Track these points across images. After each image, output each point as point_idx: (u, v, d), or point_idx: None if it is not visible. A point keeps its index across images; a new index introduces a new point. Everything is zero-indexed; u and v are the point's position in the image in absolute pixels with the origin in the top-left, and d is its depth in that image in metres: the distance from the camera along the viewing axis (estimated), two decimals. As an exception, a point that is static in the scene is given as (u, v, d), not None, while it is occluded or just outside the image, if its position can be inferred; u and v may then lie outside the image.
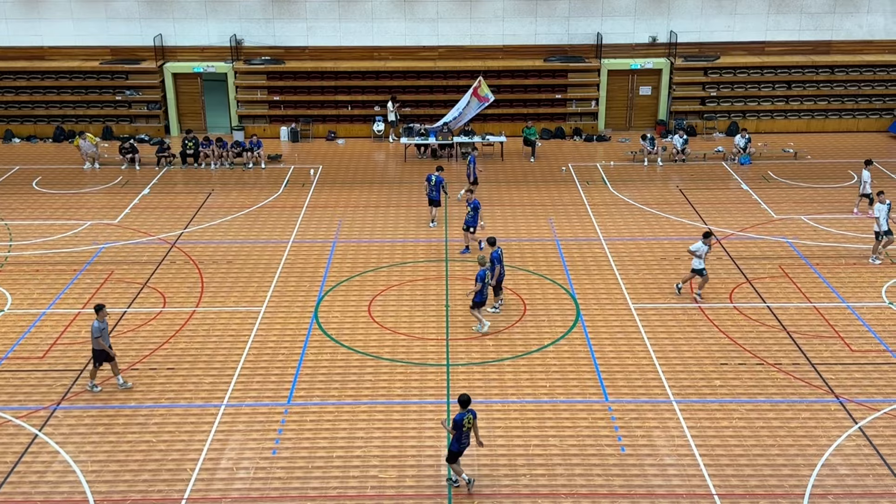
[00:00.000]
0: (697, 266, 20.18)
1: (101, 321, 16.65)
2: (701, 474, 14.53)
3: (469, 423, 14.00)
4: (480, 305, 19.20)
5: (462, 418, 13.94)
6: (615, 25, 33.69)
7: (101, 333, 16.66)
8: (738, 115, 33.95)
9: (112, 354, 16.94)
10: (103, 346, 16.71)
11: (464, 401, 13.99)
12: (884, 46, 33.75)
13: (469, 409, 14.04)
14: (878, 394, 16.60)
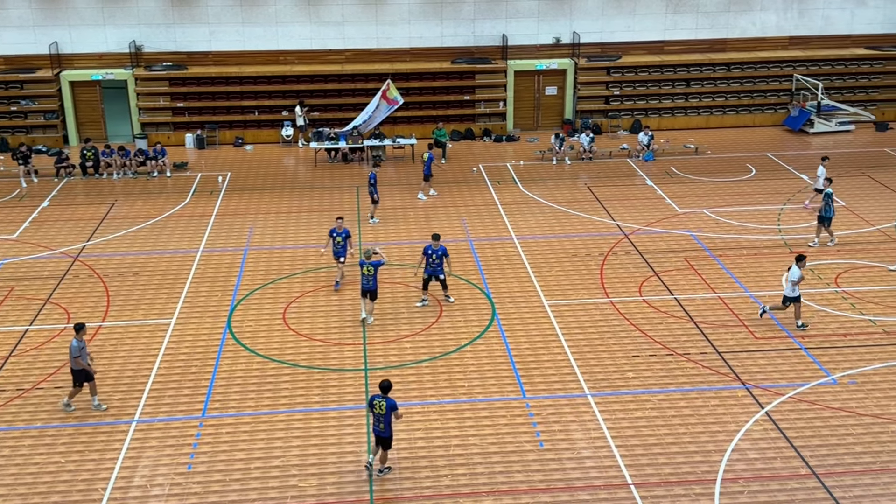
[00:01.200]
0: (791, 294, 18.90)
1: (79, 340, 16.12)
2: (617, 465, 14.83)
3: (380, 409, 14.15)
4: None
5: (373, 400, 14.24)
6: (520, 27, 34.12)
7: (80, 353, 16.12)
8: (641, 113, 34.81)
9: (92, 373, 16.39)
10: (82, 366, 16.17)
11: (383, 387, 14.29)
12: (776, 43, 35.10)
13: (385, 396, 14.20)
14: (782, 379, 17.24)
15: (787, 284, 18.95)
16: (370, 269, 19.33)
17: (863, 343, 18.45)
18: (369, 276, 19.38)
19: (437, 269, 20.07)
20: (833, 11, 34.78)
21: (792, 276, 18.83)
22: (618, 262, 22.60)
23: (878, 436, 15.40)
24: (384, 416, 14.26)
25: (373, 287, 19.50)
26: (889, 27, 35.05)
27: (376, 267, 19.41)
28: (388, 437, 14.42)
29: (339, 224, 21.32)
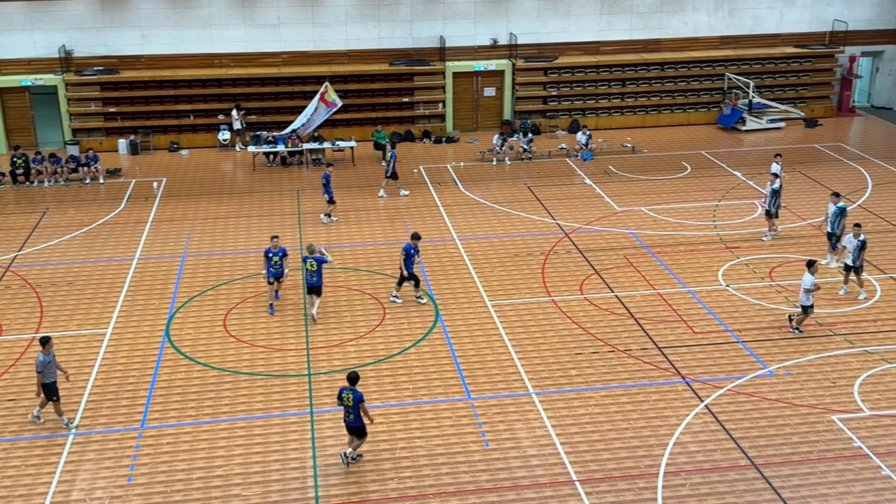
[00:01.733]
0: (806, 302, 18.67)
1: (46, 354, 15.63)
2: (562, 462, 14.95)
3: (348, 401, 14.43)
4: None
5: (341, 392, 14.54)
6: (457, 28, 34.22)
7: (45, 367, 15.61)
8: (579, 113, 35.18)
9: None
10: (51, 379, 15.68)
11: (351, 379, 14.60)
12: (708, 42, 35.79)
13: (353, 388, 14.47)
14: (720, 372, 17.57)
15: (801, 293, 18.67)
16: (313, 263, 19.38)
17: (797, 335, 18.89)
18: (312, 272, 19.43)
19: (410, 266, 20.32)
20: (762, 11, 35.60)
21: (804, 283, 18.47)
22: (559, 261, 22.80)
23: (814, 426, 15.78)
24: (352, 407, 14.52)
25: (317, 283, 19.58)
26: (817, 26, 36.01)
27: (319, 262, 19.42)
28: (358, 426, 14.66)
29: (275, 243, 20.13)
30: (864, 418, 15.95)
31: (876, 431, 15.54)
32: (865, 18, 35.98)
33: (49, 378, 15.71)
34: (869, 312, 19.76)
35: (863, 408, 16.25)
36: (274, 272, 20.08)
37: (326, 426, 16.01)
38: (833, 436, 15.47)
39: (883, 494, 13.96)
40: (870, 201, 26.42)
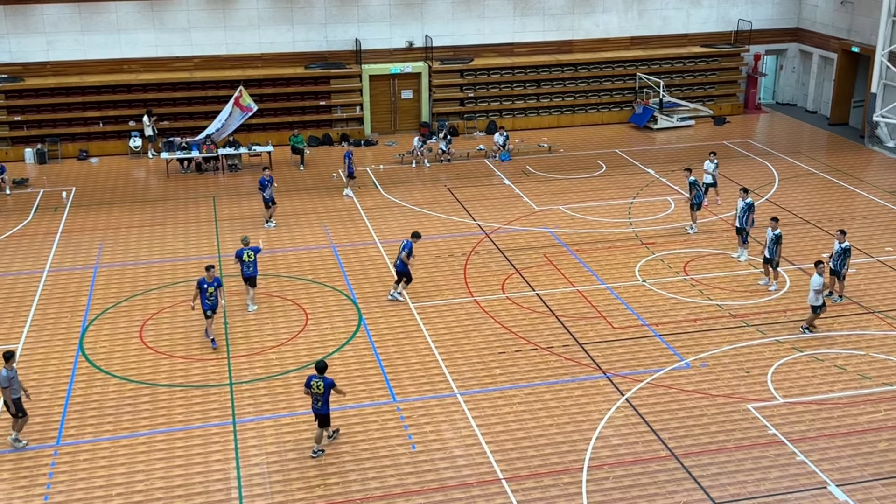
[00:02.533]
0: (815, 302, 18.69)
1: (9, 369, 15.02)
2: (489, 461, 15.05)
3: (318, 388, 14.87)
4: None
5: (310, 380, 14.98)
6: (372, 31, 34.13)
7: (10, 383, 15.02)
8: (496, 114, 35.48)
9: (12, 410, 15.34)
10: (9, 397, 15.08)
11: (319, 367, 15.09)
12: (619, 43, 36.52)
13: (322, 376, 14.94)
14: (639, 366, 17.94)
15: (811, 293, 18.67)
16: (250, 254, 19.97)
17: (712, 327, 19.43)
18: (249, 262, 20.02)
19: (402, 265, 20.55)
20: (670, 12, 36.51)
21: (813, 283, 18.51)
22: (480, 262, 22.95)
23: (730, 415, 16.25)
24: (322, 394, 14.91)
25: (253, 273, 20.16)
26: (722, 25, 37.10)
27: (255, 252, 20.10)
28: (325, 413, 15.06)
29: (210, 274, 18.55)
30: (777, 406, 16.49)
31: (789, 419, 16.08)
32: (768, 18, 37.24)
33: (14, 393, 15.20)
34: (779, 303, 20.44)
35: (776, 396, 16.80)
36: (209, 304, 18.55)
37: (250, 436, 15.77)
38: (749, 424, 15.95)
39: (798, 479, 14.46)
40: (777, 195, 27.33)
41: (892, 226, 24.85)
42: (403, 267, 20.46)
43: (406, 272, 20.59)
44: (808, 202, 26.80)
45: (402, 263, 20.41)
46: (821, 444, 15.32)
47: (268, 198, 25.16)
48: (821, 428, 15.78)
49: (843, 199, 27.10)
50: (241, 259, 20.01)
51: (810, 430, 15.73)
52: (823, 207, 26.36)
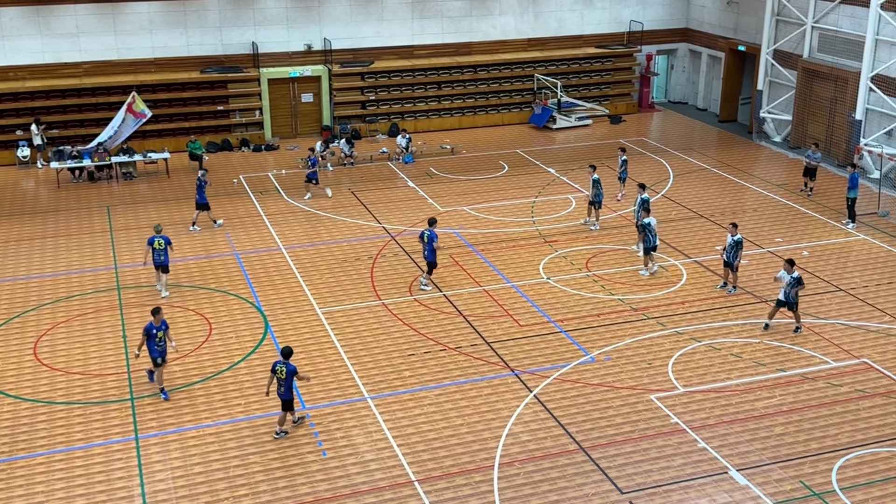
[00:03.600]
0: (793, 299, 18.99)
1: None
2: (401, 464, 15.03)
3: (281, 374, 15.34)
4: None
5: (275, 365, 15.45)
6: (269, 34, 33.67)
7: None
8: (398, 117, 35.49)
9: None
10: None
11: (285, 353, 15.53)
12: (517, 45, 37.01)
13: (286, 361, 15.41)
14: (546, 362, 18.22)
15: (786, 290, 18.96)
16: (160, 242, 20.60)
17: (614, 321, 19.89)
18: (160, 251, 20.66)
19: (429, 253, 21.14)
20: (565, 14, 37.21)
21: (782, 278, 19.03)
22: (387, 264, 22.91)
23: (634, 406, 16.66)
24: (285, 380, 15.37)
25: (165, 262, 20.77)
26: (615, 27, 38.02)
27: (166, 242, 20.72)
28: (289, 399, 15.52)
29: (157, 318, 16.74)
30: (678, 395, 17.00)
31: (690, 407, 16.59)
32: (658, 19, 38.37)
33: None
34: (678, 295, 21.07)
35: (677, 386, 17.31)
36: (159, 351, 16.72)
37: (153, 451, 15.35)
38: (652, 414, 16.39)
39: (700, 466, 14.93)
40: (672, 191, 28.18)
41: (780, 217, 25.93)
42: (433, 256, 21.10)
43: (434, 261, 21.22)
44: (702, 197, 27.71)
45: (432, 253, 21.03)
46: (721, 430, 15.86)
47: (203, 200, 25.03)
48: (720, 415, 16.34)
49: (734, 193, 28.13)
50: (151, 246, 20.56)
51: (710, 417, 16.27)
52: (716, 202, 27.30)
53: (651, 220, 21.79)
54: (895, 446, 15.32)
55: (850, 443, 15.43)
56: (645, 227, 21.82)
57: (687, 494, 14.22)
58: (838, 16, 30.39)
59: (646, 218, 21.81)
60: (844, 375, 17.57)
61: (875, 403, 16.59)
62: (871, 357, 18.21)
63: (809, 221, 25.58)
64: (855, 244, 23.92)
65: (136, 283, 21.88)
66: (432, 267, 21.33)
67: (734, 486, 14.37)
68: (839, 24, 30.38)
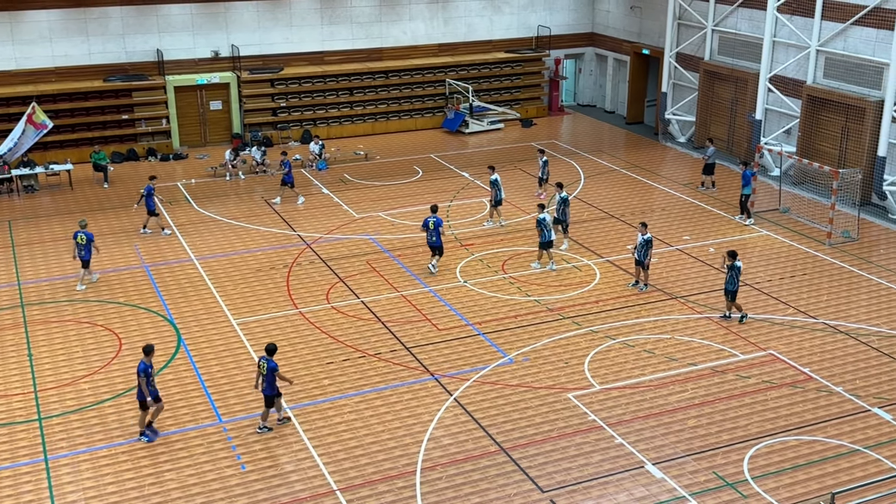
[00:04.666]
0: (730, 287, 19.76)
1: None
2: (322, 474, 14.89)
3: (262, 370, 15.65)
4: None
5: (260, 361, 15.75)
6: (174, 41, 32.99)
7: None
8: (310, 123, 35.19)
9: None
10: None
11: (268, 350, 15.84)
12: (427, 50, 37.16)
13: (269, 358, 15.71)
14: (465, 365, 18.32)
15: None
16: (83, 237, 21.38)
17: (531, 322, 20.13)
18: (82, 245, 21.39)
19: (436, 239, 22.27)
20: (474, 19, 37.53)
21: None
22: (303, 272, 22.69)
23: (552, 405, 16.89)
24: (266, 376, 15.64)
25: (87, 257, 21.52)
26: (524, 31, 38.54)
27: (89, 238, 21.41)
28: (269, 395, 15.77)
29: (150, 357, 15.70)
30: (595, 393, 17.30)
31: (606, 404, 16.91)
32: (565, 24, 39.06)
33: None
34: (592, 294, 21.46)
35: (593, 383, 17.62)
36: (154, 390, 15.78)
37: (64, 472, 14.84)
38: (570, 412, 16.64)
39: (618, 462, 15.23)
40: (583, 192, 28.69)
41: (687, 216, 26.67)
42: (439, 242, 22.18)
43: (441, 246, 22.27)
44: (612, 197, 28.30)
45: (440, 237, 22.12)
46: (636, 425, 16.21)
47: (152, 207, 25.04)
48: (635, 410, 16.70)
49: (642, 193, 28.81)
50: (75, 240, 21.44)
51: (626, 413, 16.61)
52: (625, 202, 27.92)
53: (546, 216, 22.37)
54: (802, 434, 15.92)
55: (760, 433, 15.96)
56: (540, 222, 22.39)
57: (606, 490, 14.48)
58: (737, 19, 31.47)
59: (541, 214, 22.39)
60: (752, 367, 18.18)
61: (782, 394, 17.21)
62: (777, 349, 18.88)
63: (715, 219, 26.39)
64: (758, 240, 24.78)
65: (39, 299, 21.13)
66: (441, 251, 22.46)
67: (651, 480, 14.71)
68: (738, 26, 31.46)
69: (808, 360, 18.40)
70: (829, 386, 17.41)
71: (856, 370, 17.99)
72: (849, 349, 18.82)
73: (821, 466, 14.99)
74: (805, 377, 17.74)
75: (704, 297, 21.18)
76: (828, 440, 15.70)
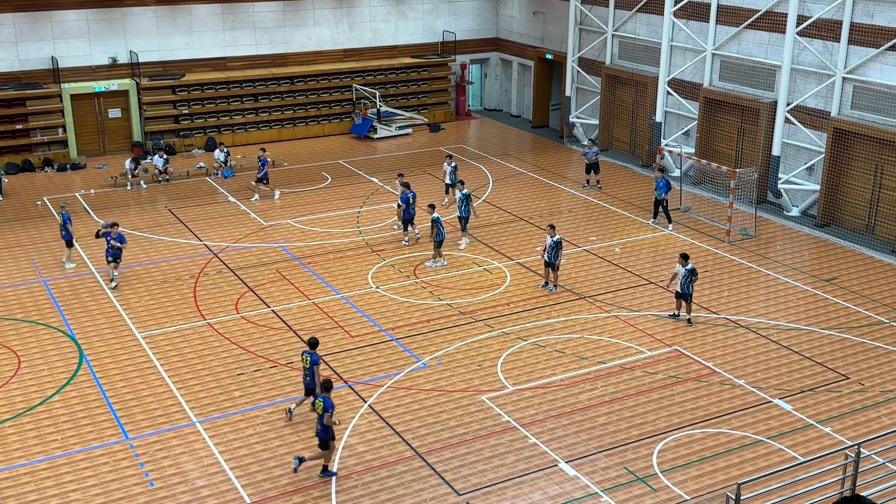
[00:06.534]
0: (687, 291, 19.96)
1: None
2: (234, 488, 14.61)
3: (305, 363, 16.06)
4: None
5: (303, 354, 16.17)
6: (70, 48, 31.93)
7: None
8: (214, 130, 34.54)
9: None
10: None
11: (311, 343, 16.21)
12: (333, 55, 36.92)
13: (311, 351, 16.06)
14: (379, 371, 18.26)
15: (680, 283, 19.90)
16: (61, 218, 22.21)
17: (444, 326, 20.20)
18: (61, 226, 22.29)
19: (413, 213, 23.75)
20: (379, 24, 37.49)
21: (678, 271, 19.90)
22: (210, 283, 22.23)
23: (467, 408, 16.98)
24: (308, 368, 16.00)
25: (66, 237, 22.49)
26: (429, 37, 38.67)
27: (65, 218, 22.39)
28: (312, 387, 15.94)
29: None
30: (508, 394, 17.47)
31: (520, 405, 17.09)
32: (470, 29, 39.38)
33: None
34: (503, 297, 21.67)
35: (506, 385, 17.79)
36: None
37: (-39, 499, 14.19)
38: (485, 414, 16.76)
39: (532, 461, 15.41)
40: (492, 196, 28.96)
41: (593, 217, 27.21)
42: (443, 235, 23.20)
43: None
44: (520, 200, 28.66)
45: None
46: (549, 424, 16.44)
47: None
48: (548, 410, 16.93)
49: (549, 195, 29.27)
50: None
51: (539, 413, 16.83)
52: (533, 204, 28.31)
53: (439, 216, 22.88)
54: (708, 427, 16.41)
55: (668, 427, 16.39)
56: (436, 221, 22.81)
57: (521, 490, 14.63)
58: (636, 24, 32.29)
59: (434, 213, 22.91)
60: (659, 363, 18.66)
61: (688, 388, 17.72)
62: (682, 345, 19.44)
63: (620, 220, 26.99)
64: (661, 239, 25.46)
65: (-70, 318, 20.15)
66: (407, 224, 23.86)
67: (564, 478, 14.93)
68: (637, 31, 32.28)
69: (711, 354, 18.99)
70: (731, 379, 18.01)
71: (757, 363, 18.66)
72: (749, 343, 19.51)
73: (726, 458, 15.48)
74: (709, 371, 18.30)
75: (612, 297, 21.65)
76: (732, 432, 16.23)
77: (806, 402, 17.16)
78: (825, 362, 18.63)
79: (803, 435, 16.10)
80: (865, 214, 25.48)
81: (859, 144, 25.24)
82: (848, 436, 16.00)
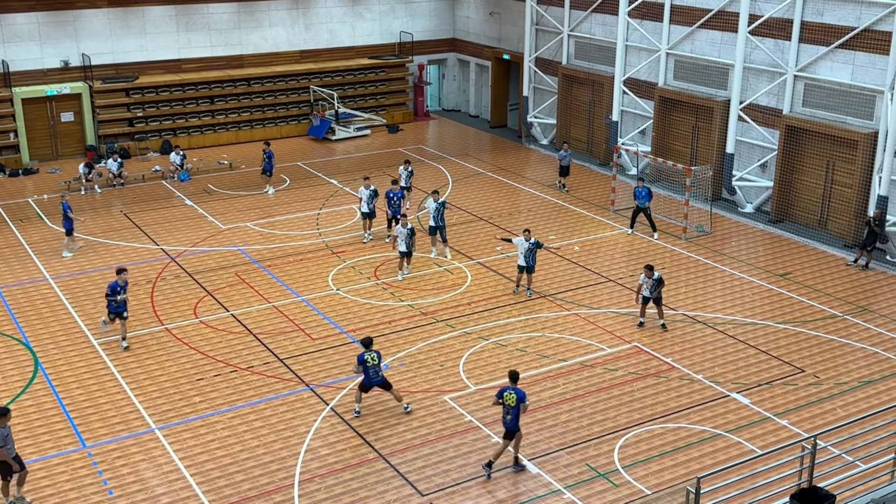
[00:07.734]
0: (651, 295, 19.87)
1: (2, 427, 13.58)
2: (195, 494, 14.46)
3: (373, 361, 16.22)
4: None
5: (363, 357, 16.23)
6: (20, 51, 31.38)
7: (6, 441, 13.61)
8: (169, 133, 34.14)
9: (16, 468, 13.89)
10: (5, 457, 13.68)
11: (364, 342, 16.39)
12: (290, 57, 36.70)
13: (373, 349, 16.35)
14: (341, 373, 18.18)
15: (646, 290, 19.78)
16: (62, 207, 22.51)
17: (406, 327, 20.19)
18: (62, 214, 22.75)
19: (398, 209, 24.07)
20: (336, 25, 37.35)
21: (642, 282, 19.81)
22: (168, 287, 21.98)
23: (429, 408, 16.99)
24: (375, 365, 16.25)
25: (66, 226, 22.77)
26: (386, 38, 38.63)
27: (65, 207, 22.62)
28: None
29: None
30: (471, 394, 17.51)
31: (482, 404, 17.13)
32: (427, 30, 39.40)
33: (11, 453, 13.78)
34: (464, 297, 21.71)
35: (468, 384, 17.83)
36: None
37: (-87, 513, 13.86)
38: (447, 415, 16.78)
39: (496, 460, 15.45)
40: (452, 196, 29.00)
41: (552, 216, 27.37)
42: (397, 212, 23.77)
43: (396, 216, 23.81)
44: (480, 200, 28.74)
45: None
46: (512, 423, 16.48)
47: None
48: (511, 408, 16.98)
49: (509, 195, 29.39)
50: None
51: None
52: (493, 204, 28.40)
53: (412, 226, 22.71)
54: (668, 422, 16.60)
55: (629, 422, 16.55)
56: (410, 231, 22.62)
57: (485, 489, 14.67)
58: (591, 24, 32.56)
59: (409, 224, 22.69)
60: (619, 360, 18.83)
61: (647, 384, 17.90)
62: (641, 341, 19.63)
63: (578, 218, 27.19)
64: (620, 237, 25.69)
65: None
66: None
67: (527, 476, 15.00)
68: (592, 31, 32.55)
69: (669, 350, 19.21)
70: (690, 374, 18.24)
71: (714, 358, 18.92)
72: (707, 338, 19.78)
73: (686, 452, 15.67)
74: (668, 367, 18.51)
75: (572, 295, 21.80)
76: (692, 426, 16.44)
77: (763, 395, 17.44)
78: (781, 356, 18.95)
79: (761, 428, 16.35)
80: (818, 210, 25.97)
81: (811, 141, 25.71)
82: (804, 428, 16.29)
